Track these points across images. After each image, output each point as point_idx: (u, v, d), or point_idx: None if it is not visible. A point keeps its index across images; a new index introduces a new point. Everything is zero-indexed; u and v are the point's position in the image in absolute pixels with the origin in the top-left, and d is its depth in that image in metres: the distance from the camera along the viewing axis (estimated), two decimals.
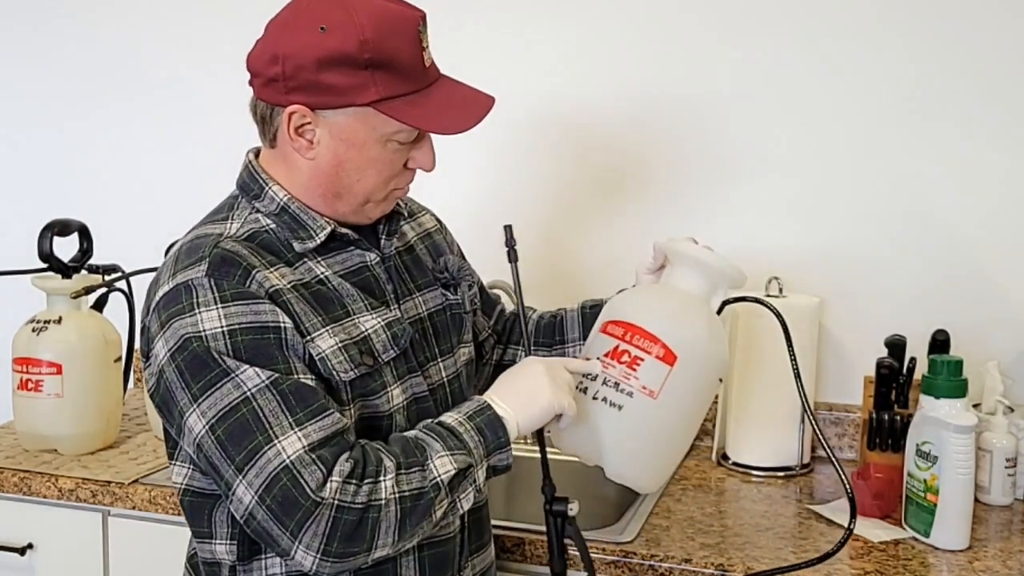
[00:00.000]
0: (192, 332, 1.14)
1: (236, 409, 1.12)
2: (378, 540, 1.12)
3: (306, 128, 1.20)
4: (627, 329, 1.30)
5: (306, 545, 1.10)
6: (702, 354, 1.30)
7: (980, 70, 1.87)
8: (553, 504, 1.25)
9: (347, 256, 1.28)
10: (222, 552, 1.25)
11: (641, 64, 2.05)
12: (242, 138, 1.38)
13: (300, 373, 1.15)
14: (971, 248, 1.90)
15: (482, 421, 1.19)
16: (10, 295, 2.08)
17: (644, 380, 1.27)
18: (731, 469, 1.90)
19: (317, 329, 1.19)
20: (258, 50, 1.22)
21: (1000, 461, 1.70)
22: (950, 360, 1.56)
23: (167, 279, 1.19)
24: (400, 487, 1.12)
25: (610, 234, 2.09)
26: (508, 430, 1.19)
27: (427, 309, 1.35)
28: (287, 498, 1.09)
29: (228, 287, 1.15)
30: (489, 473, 1.20)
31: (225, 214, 1.27)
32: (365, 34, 1.15)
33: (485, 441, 1.18)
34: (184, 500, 1.28)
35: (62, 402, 1.89)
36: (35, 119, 2.52)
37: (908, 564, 1.50)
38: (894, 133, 1.92)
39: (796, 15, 1.95)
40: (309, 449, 1.10)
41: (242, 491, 1.11)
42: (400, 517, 1.12)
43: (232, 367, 1.13)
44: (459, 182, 2.08)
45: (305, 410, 1.12)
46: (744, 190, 2.01)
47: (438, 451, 1.15)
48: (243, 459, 1.11)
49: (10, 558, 1.83)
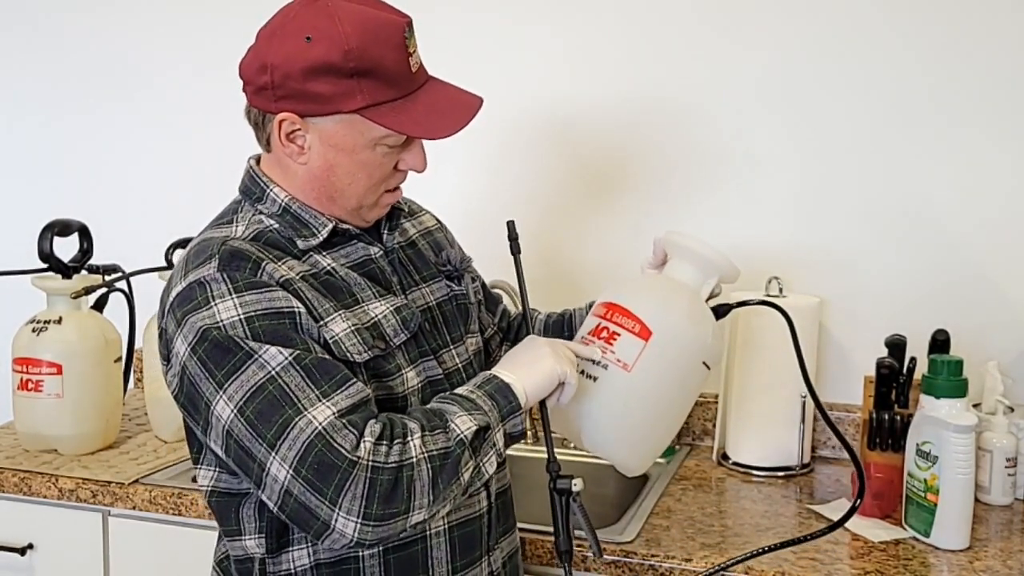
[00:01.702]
0: (210, 323, 1.16)
1: (263, 388, 1.14)
2: (415, 501, 1.13)
3: (296, 134, 1.23)
4: (609, 309, 1.37)
5: (346, 511, 1.11)
6: (680, 333, 1.34)
7: (981, 70, 1.87)
8: (557, 482, 1.27)
9: (352, 249, 1.31)
10: (252, 547, 1.27)
11: (641, 63, 2.05)
12: (241, 139, 1.38)
13: (318, 352, 1.18)
14: (971, 248, 1.90)
15: (491, 388, 1.22)
16: (10, 295, 2.08)
17: (619, 354, 1.32)
18: (731, 469, 1.90)
19: (330, 314, 1.21)
20: (249, 58, 1.25)
21: (1000, 461, 1.70)
22: (950, 360, 1.56)
23: (179, 280, 1.21)
24: (427, 447, 1.14)
25: (608, 234, 2.09)
26: (516, 394, 1.22)
27: (434, 299, 1.38)
28: (323, 463, 1.11)
29: (240, 278, 1.18)
30: (506, 440, 1.22)
31: (229, 218, 1.29)
32: (350, 43, 1.18)
33: (498, 406, 1.21)
34: (212, 501, 1.30)
35: (62, 402, 1.89)
36: (35, 119, 2.52)
37: (908, 564, 1.50)
38: (895, 133, 1.92)
39: (797, 15, 1.95)
40: (339, 415, 1.13)
41: (276, 468, 1.12)
42: (432, 476, 1.14)
43: (254, 348, 1.15)
44: (453, 183, 2.08)
45: (330, 381, 1.15)
46: (744, 190, 2.01)
47: (456, 412, 1.18)
48: (274, 434, 1.12)
49: (10, 558, 1.83)
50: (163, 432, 2.02)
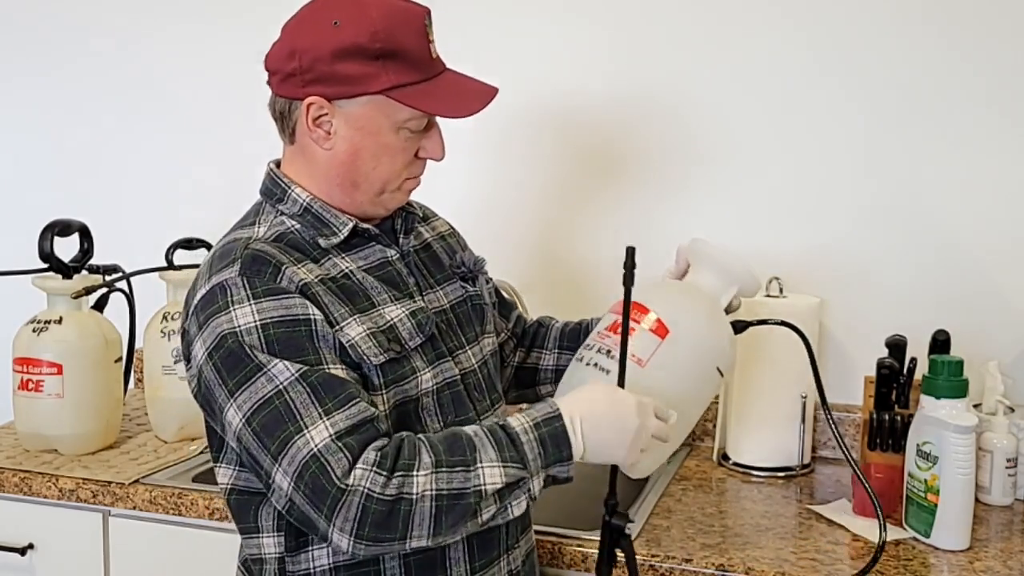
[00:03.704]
0: (227, 329, 1.19)
1: (269, 402, 1.16)
2: (412, 531, 1.13)
3: (323, 119, 1.26)
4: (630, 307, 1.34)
5: (339, 528, 1.13)
6: (697, 336, 1.33)
7: (981, 70, 1.87)
8: (613, 518, 1.25)
9: (369, 252, 1.33)
10: (270, 546, 1.29)
11: (641, 62, 2.05)
12: (241, 138, 1.39)
13: (330, 364, 1.19)
14: (971, 248, 1.90)
15: (548, 432, 1.19)
16: (10, 295, 2.08)
17: (634, 348, 1.29)
18: (731, 469, 1.90)
19: (345, 319, 1.23)
20: (275, 49, 1.29)
21: (1000, 461, 1.70)
22: (950, 360, 1.56)
23: (203, 283, 1.24)
24: (438, 484, 1.14)
25: (609, 235, 2.09)
26: (572, 453, 1.19)
27: (449, 301, 1.39)
28: (317, 484, 1.13)
29: (260, 284, 1.20)
30: (548, 482, 1.20)
31: (252, 219, 1.32)
32: (376, 26, 1.23)
33: (545, 454, 1.18)
34: (231, 499, 1.31)
35: (62, 402, 1.89)
36: (35, 119, 2.52)
37: (908, 564, 1.50)
38: (895, 133, 1.92)
39: (797, 15, 1.95)
40: (336, 437, 1.14)
41: (279, 478, 1.16)
42: (435, 513, 1.13)
43: (264, 362, 1.17)
44: (454, 183, 2.08)
45: (333, 400, 1.16)
46: (745, 190, 2.01)
47: (491, 460, 1.16)
48: (276, 448, 1.15)
49: (10, 558, 1.83)
50: (163, 432, 2.02)
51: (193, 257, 1.99)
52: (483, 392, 1.37)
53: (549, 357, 1.59)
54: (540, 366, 1.59)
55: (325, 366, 1.19)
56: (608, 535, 1.25)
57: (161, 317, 2.01)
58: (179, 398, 1.91)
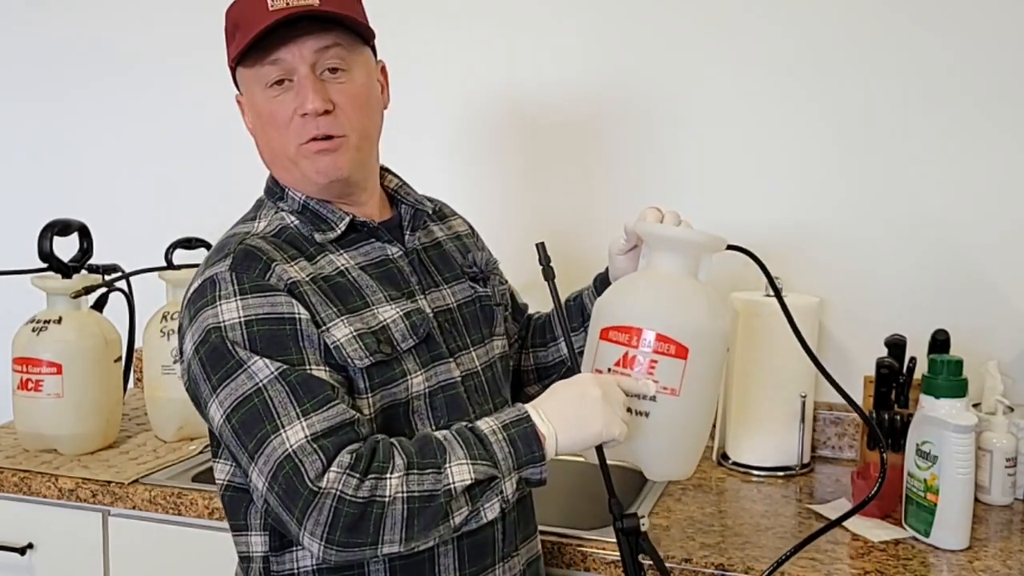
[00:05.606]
0: (213, 324, 1.19)
1: (249, 399, 1.16)
2: (384, 535, 1.12)
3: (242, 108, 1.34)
4: (631, 333, 1.26)
5: (310, 532, 1.12)
6: (708, 336, 1.27)
7: (980, 70, 1.87)
8: (624, 521, 1.22)
9: (369, 248, 1.32)
10: (257, 544, 1.29)
11: (642, 61, 2.05)
12: (241, 138, 1.38)
13: (312, 364, 1.18)
14: (971, 248, 1.90)
15: (517, 432, 1.17)
16: (10, 295, 2.08)
17: (664, 381, 1.23)
18: (731, 469, 1.90)
19: (332, 319, 1.22)
20: None
21: (1000, 461, 1.70)
22: (950, 360, 1.56)
23: (198, 276, 1.25)
24: (409, 487, 1.12)
25: (607, 234, 2.08)
26: (545, 448, 1.17)
27: (456, 300, 1.37)
28: (290, 486, 1.12)
29: (248, 280, 1.20)
30: (520, 485, 1.18)
31: (253, 214, 1.34)
32: (229, 7, 1.29)
33: (516, 453, 1.16)
34: (225, 496, 1.31)
35: (62, 402, 1.89)
36: (35, 119, 2.52)
37: (908, 564, 1.50)
38: (894, 133, 1.92)
39: (797, 15, 1.95)
40: (312, 439, 1.13)
41: (255, 477, 1.15)
42: (406, 516, 1.12)
43: (245, 358, 1.17)
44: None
45: (312, 400, 1.15)
46: (744, 190, 2.01)
47: (459, 458, 1.15)
48: (253, 447, 1.15)
49: (10, 558, 1.83)
50: (163, 432, 2.02)
51: (192, 257, 1.99)
52: (485, 395, 1.34)
53: (528, 358, 1.55)
54: (522, 367, 1.56)
55: (307, 366, 1.18)
56: (625, 541, 1.22)
57: (161, 317, 2.01)
58: (179, 398, 1.90)
